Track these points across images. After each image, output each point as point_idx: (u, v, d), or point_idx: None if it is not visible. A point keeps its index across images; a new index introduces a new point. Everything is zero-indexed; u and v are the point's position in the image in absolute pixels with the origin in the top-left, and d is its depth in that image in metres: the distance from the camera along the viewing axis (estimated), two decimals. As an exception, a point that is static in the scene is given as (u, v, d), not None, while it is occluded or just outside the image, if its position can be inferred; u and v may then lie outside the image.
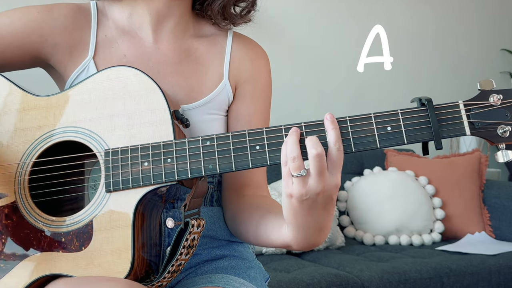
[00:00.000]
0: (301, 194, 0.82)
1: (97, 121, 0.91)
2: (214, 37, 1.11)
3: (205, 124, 1.04)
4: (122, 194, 0.88)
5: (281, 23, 3.27)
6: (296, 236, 0.87)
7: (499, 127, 0.82)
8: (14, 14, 1.01)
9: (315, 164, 0.81)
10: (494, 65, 3.85)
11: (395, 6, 3.56)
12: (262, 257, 2.40)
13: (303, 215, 0.84)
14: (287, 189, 0.83)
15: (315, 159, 0.80)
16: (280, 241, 0.92)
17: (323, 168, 0.81)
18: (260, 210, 0.99)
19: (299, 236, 0.87)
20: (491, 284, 2.33)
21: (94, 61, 1.03)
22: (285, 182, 0.83)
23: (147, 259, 0.90)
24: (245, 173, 1.07)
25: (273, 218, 0.95)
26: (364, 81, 3.45)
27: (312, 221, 0.85)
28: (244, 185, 1.07)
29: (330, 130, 0.83)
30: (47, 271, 0.88)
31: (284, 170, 0.83)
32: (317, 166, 0.81)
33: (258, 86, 1.10)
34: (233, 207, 1.06)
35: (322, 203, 0.84)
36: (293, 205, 0.83)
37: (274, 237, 0.93)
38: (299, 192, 0.82)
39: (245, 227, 1.01)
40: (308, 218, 0.85)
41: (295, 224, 0.86)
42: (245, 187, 1.07)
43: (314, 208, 0.84)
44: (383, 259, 2.41)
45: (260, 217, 0.98)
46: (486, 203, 2.93)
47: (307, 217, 0.85)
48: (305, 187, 0.82)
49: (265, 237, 0.95)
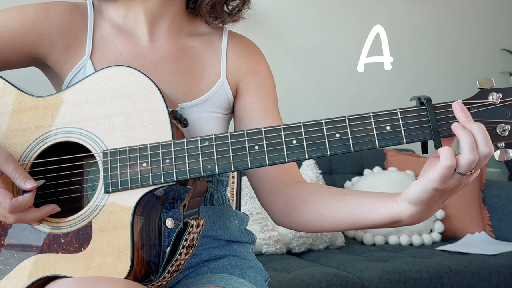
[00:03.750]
0: (453, 187, 0.81)
1: (95, 122, 0.91)
2: (209, 35, 1.11)
3: (204, 122, 1.04)
4: (121, 195, 0.88)
5: (281, 23, 3.27)
6: (417, 214, 0.85)
7: (499, 126, 0.82)
8: (10, 13, 1.01)
9: (482, 162, 0.80)
10: (494, 65, 3.85)
11: (395, 6, 3.56)
12: (262, 257, 2.40)
13: (440, 200, 0.84)
14: (441, 184, 0.79)
15: (486, 159, 0.80)
16: (387, 218, 0.88)
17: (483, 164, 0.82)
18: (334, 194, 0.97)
19: (420, 214, 0.85)
20: (491, 284, 2.33)
21: (91, 60, 1.03)
22: (443, 177, 0.79)
23: (146, 259, 0.90)
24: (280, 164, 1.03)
25: (366, 197, 0.92)
26: (364, 81, 3.45)
27: (442, 203, 0.85)
28: (283, 173, 1.05)
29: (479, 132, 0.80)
30: (47, 272, 0.88)
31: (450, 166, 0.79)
32: (482, 163, 0.81)
33: (261, 78, 1.10)
34: (283, 198, 1.03)
35: (457, 191, 0.84)
36: (438, 194, 0.82)
37: (378, 215, 0.89)
38: (452, 186, 0.81)
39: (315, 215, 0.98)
40: (441, 201, 0.85)
41: (426, 206, 0.84)
42: (284, 175, 1.05)
43: (450, 195, 0.84)
44: (383, 259, 2.41)
45: (340, 200, 0.95)
46: (486, 203, 2.93)
47: (441, 201, 0.85)
48: (460, 182, 0.81)
49: (361, 217, 0.91)
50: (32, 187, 0.86)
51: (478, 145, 0.79)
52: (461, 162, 0.79)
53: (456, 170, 0.79)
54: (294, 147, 0.85)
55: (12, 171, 0.86)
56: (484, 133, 0.79)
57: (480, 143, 0.79)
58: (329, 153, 0.84)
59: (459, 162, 0.79)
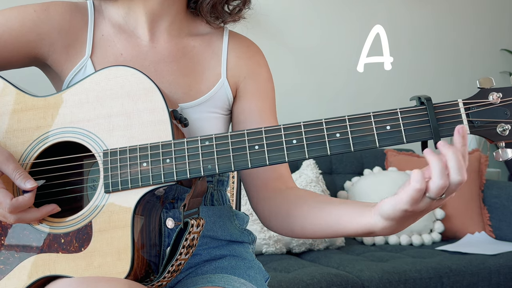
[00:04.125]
0: (423, 209, 0.81)
1: (95, 122, 0.91)
2: (210, 36, 1.11)
3: (204, 122, 1.04)
4: (121, 195, 0.88)
5: (282, 23, 3.27)
6: (388, 228, 0.85)
7: (499, 126, 0.82)
8: (11, 13, 1.01)
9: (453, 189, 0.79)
10: (494, 65, 3.85)
11: (395, 6, 3.56)
12: (262, 257, 2.40)
13: (410, 218, 0.84)
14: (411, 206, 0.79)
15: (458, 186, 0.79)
16: (362, 229, 0.89)
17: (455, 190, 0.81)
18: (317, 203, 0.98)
19: (392, 228, 0.86)
20: (491, 284, 2.33)
21: (91, 60, 1.03)
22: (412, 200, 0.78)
23: (146, 259, 0.90)
24: (273, 167, 1.06)
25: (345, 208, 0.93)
26: (364, 81, 3.45)
27: (413, 219, 0.85)
28: (275, 178, 1.06)
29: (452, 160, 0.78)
30: (47, 272, 0.88)
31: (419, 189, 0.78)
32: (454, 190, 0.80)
33: (261, 81, 1.10)
34: (272, 203, 1.04)
35: (432, 209, 0.83)
36: (408, 215, 0.82)
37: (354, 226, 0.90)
38: (422, 208, 0.80)
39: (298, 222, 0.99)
40: (412, 220, 0.85)
41: (397, 223, 0.84)
42: (276, 181, 1.06)
43: (422, 213, 0.83)
44: (383, 259, 2.41)
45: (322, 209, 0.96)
46: (486, 203, 2.93)
47: (411, 219, 0.84)
48: (431, 205, 0.81)
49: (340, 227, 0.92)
50: (32, 187, 0.86)
51: (449, 172, 0.78)
52: (431, 187, 0.78)
53: (425, 194, 0.79)
54: (294, 147, 0.85)
55: (12, 171, 0.86)
56: (458, 160, 0.78)
57: (451, 170, 0.78)
58: (329, 153, 0.84)
59: (429, 187, 0.78)
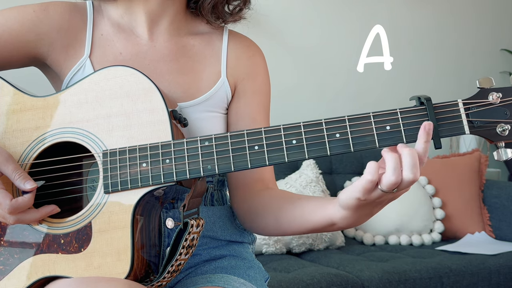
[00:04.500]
0: (375, 199, 0.83)
1: (94, 122, 0.91)
2: (210, 35, 1.11)
3: (204, 121, 1.04)
4: (121, 195, 0.88)
5: (282, 23, 3.27)
6: (347, 218, 0.87)
7: (498, 126, 0.82)
8: (10, 13, 1.01)
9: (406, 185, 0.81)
10: (494, 65, 3.85)
11: (396, 7, 3.56)
12: (262, 257, 2.40)
13: (366, 208, 0.85)
14: (363, 195, 0.81)
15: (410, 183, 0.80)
16: (324, 220, 0.91)
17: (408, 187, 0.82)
18: (287, 199, 1.00)
19: (350, 218, 0.87)
20: (491, 284, 2.33)
21: (90, 59, 1.03)
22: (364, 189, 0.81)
23: (146, 260, 0.90)
24: (257, 170, 1.07)
25: (310, 202, 0.95)
26: (364, 81, 3.45)
27: (369, 211, 0.87)
28: (257, 181, 1.07)
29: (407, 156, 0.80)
30: (46, 272, 0.88)
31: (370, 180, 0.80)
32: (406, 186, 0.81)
33: (257, 83, 1.11)
34: (249, 204, 1.06)
35: (387, 202, 0.85)
36: (361, 203, 0.83)
37: (317, 217, 0.92)
38: (375, 198, 0.82)
39: (271, 218, 1.01)
40: (368, 210, 0.86)
41: (353, 212, 0.86)
42: (257, 183, 1.07)
43: (378, 205, 0.86)
44: (383, 259, 2.41)
45: (290, 204, 0.98)
46: (486, 203, 2.93)
47: (368, 209, 0.86)
48: (384, 196, 0.82)
49: (304, 219, 0.95)
50: (32, 188, 0.86)
51: (403, 169, 0.80)
52: (383, 180, 0.80)
53: (377, 186, 0.81)
54: (294, 147, 0.85)
55: (11, 171, 0.86)
56: (413, 158, 0.79)
57: (405, 167, 0.79)
58: (329, 153, 0.84)
59: (381, 180, 0.80)
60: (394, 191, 0.81)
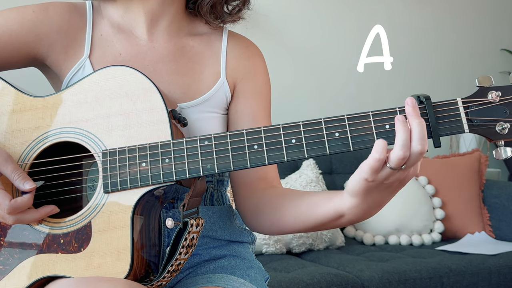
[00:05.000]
0: (383, 180, 0.82)
1: (94, 122, 0.91)
2: (209, 35, 1.11)
3: (203, 122, 1.04)
4: (120, 195, 0.88)
5: (281, 23, 3.27)
6: (356, 207, 0.87)
7: (498, 124, 0.82)
8: (10, 13, 1.01)
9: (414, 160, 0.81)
10: (494, 65, 3.85)
11: (395, 7, 3.56)
12: (262, 257, 2.40)
13: (375, 192, 0.84)
14: (371, 175, 0.81)
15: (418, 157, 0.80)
16: (331, 212, 0.90)
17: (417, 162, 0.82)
18: (292, 195, 0.99)
19: (359, 208, 0.87)
20: (491, 284, 2.33)
21: (90, 60, 1.03)
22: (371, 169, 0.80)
23: (146, 259, 0.90)
24: (260, 168, 1.07)
25: (315, 196, 0.95)
26: (364, 81, 3.45)
27: (379, 198, 0.86)
28: (260, 179, 1.07)
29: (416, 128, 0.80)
30: (46, 272, 0.88)
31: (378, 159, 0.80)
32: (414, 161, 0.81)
33: (257, 83, 1.11)
34: (252, 202, 1.05)
35: (396, 187, 0.85)
36: (370, 186, 0.83)
37: (323, 210, 0.92)
38: (383, 178, 0.82)
39: (276, 216, 1.00)
40: (377, 195, 0.85)
41: (362, 198, 0.85)
42: (261, 182, 1.07)
43: (387, 190, 0.85)
44: (383, 259, 2.41)
45: (295, 199, 0.97)
46: (486, 203, 2.93)
47: (377, 195, 0.85)
48: (392, 176, 0.82)
49: (310, 213, 0.94)
50: (31, 188, 0.86)
51: (411, 141, 0.80)
52: (391, 156, 0.80)
53: (386, 164, 0.80)
54: (294, 146, 0.85)
55: (11, 172, 0.86)
56: (422, 130, 0.80)
57: (414, 139, 0.79)
58: (329, 152, 0.84)
59: (389, 156, 0.80)
60: (402, 167, 0.80)
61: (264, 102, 1.11)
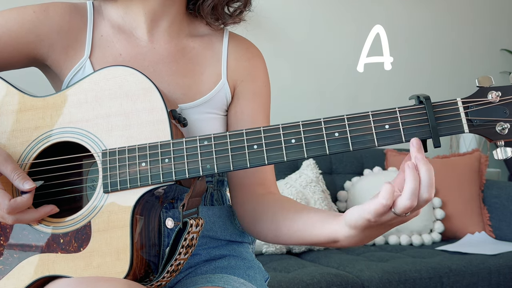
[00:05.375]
0: (385, 222, 0.81)
1: (94, 122, 0.91)
2: (209, 37, 1.11)
3: (203, 123, 1.04)
4: (120, 195, 0.88)
5: (281, 24, 3.27)
6: (352, 237, 0.86)
7: (498, 124, 0.82)
8: (10, 14, 1.01)
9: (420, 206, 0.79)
10: (494, 65, 3.85)
11: (395, 7, 3.56)
12: (262, 257, 2.40)
13: (374, 229, 0.83)
14: (374, 217, 0.79)
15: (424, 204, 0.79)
16: (326, 236, 0.90)
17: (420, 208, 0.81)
18: (291, 209, 0.98)
19: (355, 238, 0.86)
20: (491, 284, 2.33)
21: (90, 60, 1.03)
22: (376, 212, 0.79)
23: (146, 259, 0.90)
24: (257, 172, 1.07)
25: (313, 214, 0.93)
26: (364, 81, 3.45)
27: (376, 233, 0.85)
28: (258, 184, 1.07)
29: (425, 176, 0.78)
30: (46, 272, 0.88)
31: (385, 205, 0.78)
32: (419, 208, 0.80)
33: (257, 85, 1.11)
34: (250, 207, 1.05)
35: (396, 224, 0.83)
36: (371, 225, 0.81)
37: (319, 232, 0.91)
38: (386, 221, 0.81)
39: (273, 226, 1.00)
40: (376, 231, 0.84)
41: (360, 232, 0.84)
42: (258, 186, 1.07)
43: (386, 227, 0.84)
44: (383, 259, 2.41)
45: (294, 214, 0.97)
46: (486, 203, 2.93)
47: (375, 231, 0.84)
48: (395, 219, 0.81)
49: (305, 232, 0.93)
50: (31, 188, 0.86)
51: (420, 189, 0.78)
52: (398, 204, 0.78)
53: (391, 209, 0.79)
54: (293, 146, 0.85)
55: (10, 172, 0.86)
56: (430, 178, 0.78)
57: (422, 186, 0.78)
58: (328, 152, 0.84)
59: (396, 203, 0.78)
60: (407, 214, 0.79)
61: (263, 104, 1.11)
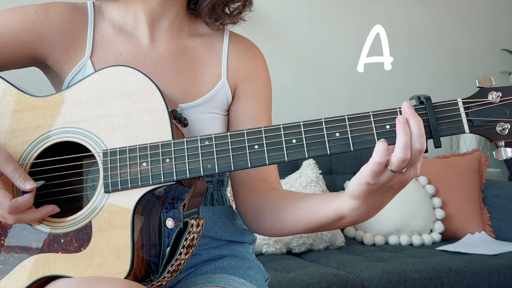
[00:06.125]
0: (384, 183, 0.82)
1: (94, 122, 0.91)
2: (210, 36, 1.11)
3: (204, 122, 1.04)
4: (121, 195, 0.88)
5: (282, 24, 3.27)
6: (357, 209, 0.87)
7: (498, 125, 0.82)
8: (11, 13, 1.01)
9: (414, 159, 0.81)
10: (494, 65, 3.85)
11: (395, 7, 3.56)
12: (262, 257, 2.40)
13: (376, 195, 0.85)
14: (372, 178, 0.81)
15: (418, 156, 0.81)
16: (332, 214, 0.91)
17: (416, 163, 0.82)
18: (293, 197, 1.00)
19: (360, 210, 0.87)
20: (491, 284, 2.33)
21: (91, 60, 1.03)
22: (373, 172, 0.81)
23: (146, 259, 0.90)
24: (261, 169, 1.07)
25: (316, 197, 0.95)
26: (364, 81, 3.45)
27: (379, 200, 0.86)
28: (261, 180, 1.07)
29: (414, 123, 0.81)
30: (47, 272, 0.88)
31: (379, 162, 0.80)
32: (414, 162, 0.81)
33: (258, 84, 1.11)
34: (253, 203, 1.06)
35: (397, 189, 0.85)
36: (371, 189, 0.83)
37: (324, 211, 0.92)
38: (384, 181, 0.82)
39: (276, 218, 1.01)
40: (378, 198, 0.86)
41: (363, 201, 0.85)
42: (262, 183, 1.07)
43: (388, 192, 0.85)
44: (383, 259, 2.41)
45: (296, 201, 0.98)
46: (486, 203, 2.93)
47: (378, 197, 0.86)
48: (393, 179, 0.82)
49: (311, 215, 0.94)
50: (32, 188, 0.86)
51: (412, 141, 0.80)
52: (392, 159, 0.80)
53: (387, 167, 0.81)
54: (294, 146, 0.85)
55: (11, 171, 0.86)
56: (420, 129, 0.80)
57: (413, 138, 0.80)
58: (329, 152, 0.84)
59: (390, 159, 0.80)
60: (403, 170, 0.81)
61: (265, 103, 1.11)
